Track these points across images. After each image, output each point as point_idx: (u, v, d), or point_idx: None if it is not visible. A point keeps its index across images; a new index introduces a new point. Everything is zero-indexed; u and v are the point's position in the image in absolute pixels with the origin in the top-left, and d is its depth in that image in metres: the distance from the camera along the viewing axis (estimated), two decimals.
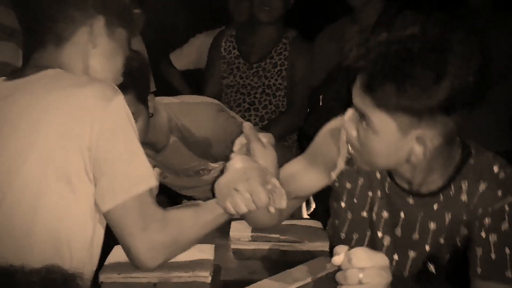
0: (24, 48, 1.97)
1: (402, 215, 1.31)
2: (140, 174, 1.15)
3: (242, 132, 1.30)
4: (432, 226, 1.28)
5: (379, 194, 1.35)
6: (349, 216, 1.41)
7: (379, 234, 1.35)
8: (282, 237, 1.49)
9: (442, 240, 1.29)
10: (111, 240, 1.21)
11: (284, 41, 2.57)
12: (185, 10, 3.24)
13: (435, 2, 2.92)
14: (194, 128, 1.85)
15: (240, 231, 1.52)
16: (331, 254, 1.06)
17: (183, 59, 3.06)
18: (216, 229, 1.27)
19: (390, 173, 1.32)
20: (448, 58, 1.06)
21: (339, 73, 2.41)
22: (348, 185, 1.40)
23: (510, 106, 2.66)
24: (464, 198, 1.24)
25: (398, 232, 1.33)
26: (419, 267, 1.32)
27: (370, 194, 1.36)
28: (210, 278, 1.28)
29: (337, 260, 1.04)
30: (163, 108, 1.84)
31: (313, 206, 2.52)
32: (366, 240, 1.38)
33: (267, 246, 1.49)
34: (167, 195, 2.14)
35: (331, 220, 1.52)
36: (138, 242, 1.13)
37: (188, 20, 3.35)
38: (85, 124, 1.09)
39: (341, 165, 1.37)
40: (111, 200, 1.12)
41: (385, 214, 1.34)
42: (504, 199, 1.20)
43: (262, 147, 1.27)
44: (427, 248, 1.30)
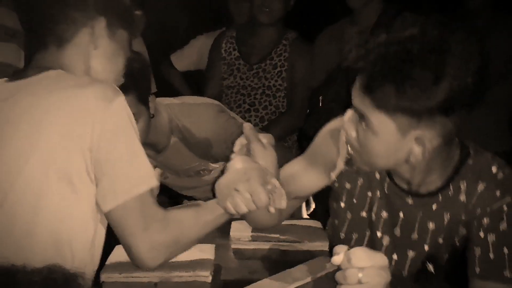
0: (26, 49, 1.97)
1: (401, 215, 1.32)
2: (141, 174, 1.15)
3: (242, 133, 1.30)
4: (431, 226, 1.29)
5: (378, 194, 1.35)
6: (348, 216, 1.41)
7: (379, 234, 1.36)
8: (282, 237, 1.50)
9: (441, 240, 1.29)
10: (112, 239, 1.21)
11: (284, 42, 2.57)
12: (185, 12, 3.24)
13: (434, 3, 2.93)
14: (195, 129, 1.85)
15: (240, 231, 1.52)
16: (331, 254, 1.06)
17: (184, 60, 3.06)
18: (217, 229, 1.27)
19: (389, 173, 1.32)
20: (447, 59, 1.07)
21: (339, 74, 2.42)
22: (347, 185, 1.40)
23: (509, 106, 2.67)
24: (462, 198, 1.25)
25: (397, 232, 1.33)
26: (418, 266, 1.33)
27: (370, 194, 1.37)
28: (210, 277, 1.29)
29: (336, 259, 1.04)
30: (164, 109, 1.84)
31: (312, 206, 2.52)
32: (365, 240, 1.38)
33: (267, 246, 1.49)
34: (168, 195, 2.14)
35: (331, 220, 1.52)
36: (139, 242, 1.14)
37: (188, 22, 3.36)
38: (86, 125, 1.09)
39: (340, 165, 1.37)
40: (113, 201, 1.12)
41: (384, 214, 1.35)
42: (502, 199, 1.21)
43: (262, 148, 1.28)
44: (426, 248, 1.31)
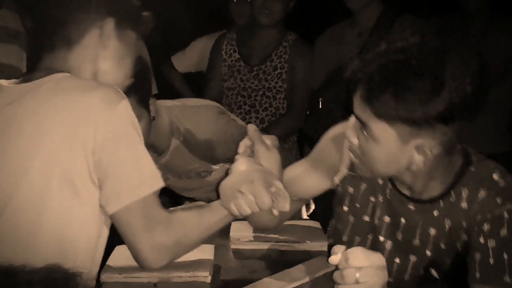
0: (29, 51, 1.98)
1: (403, 220, 1.32)
2: (144, 177, 1.15)
3: (243, 134, 1.31)
4: (432, 232, 1.29)
5: (380, 199, 1.36)
6: (351, 219, 1.42)
7: (381, 238, 1.36)
8: (282, 237, 1.50)
9: (443, 246, 1.29)
10: (113, 239, 1.22)
11: (284, 44, 2.57)
12: (186, 13, 3.24)
13: (433, 5, 2.94)
14: (195, 131, 1.86)
15: (240, 231, 1.53)
16: (330, 254, 1.06)
17: (185, 62, 3.07)
18: None
19: (392, 179, 1.33)
20: (446, 70, 1.07)
21: (339, 75, 2.42)
22: (350, 189, 1.41)
23: (508, 107, 2.67)
24: (464, 205, 1.25)
25: (399, 236, 1.34)
26: (420, 271, 1.33)
27: (372, 199, 1.37)
28: (210, 277, 1.29)
29: (334, 259, 1.04)
30: (165, 111, 1.84)
31: (312, 207, 2.53)
32: (368, 243, 1.38)
33: (266, 246, 1.49)
34: (169, 196, 2.15)
35: (334, 223, 1.53)
36: (143, 244, 1.14)
37: (189, 23, 3.36)
38: (89, 128, 1.09)
39: (344, 170, 1.38)
40: (116, 203, 1.12)
41: (386, 219, 1.35)
42: (503, 206, 1.21)
43: (266, 150, 1.28)
44: (428, 253, 1.31)
